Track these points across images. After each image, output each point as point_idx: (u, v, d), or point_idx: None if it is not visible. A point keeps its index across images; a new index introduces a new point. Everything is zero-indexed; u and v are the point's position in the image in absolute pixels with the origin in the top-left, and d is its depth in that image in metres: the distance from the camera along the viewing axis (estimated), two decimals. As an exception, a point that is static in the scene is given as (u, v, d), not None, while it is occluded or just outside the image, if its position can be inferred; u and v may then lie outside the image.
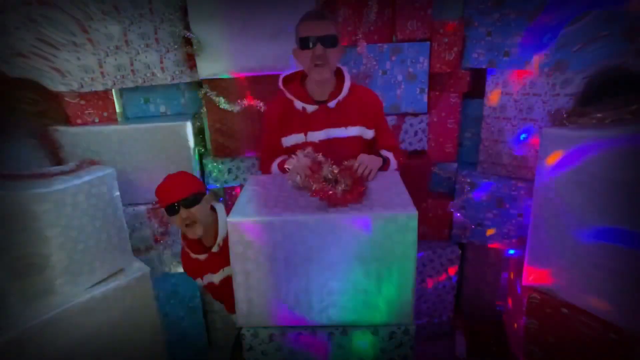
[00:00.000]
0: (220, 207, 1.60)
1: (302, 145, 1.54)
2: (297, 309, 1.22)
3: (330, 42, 1.45)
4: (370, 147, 1.63)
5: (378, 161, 1.49)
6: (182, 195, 1.45)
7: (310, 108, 1.54)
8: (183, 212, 1.45)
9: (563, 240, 1.58)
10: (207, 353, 2.43)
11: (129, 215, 2.03)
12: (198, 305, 2.34)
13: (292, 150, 1.56)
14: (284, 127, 1.59)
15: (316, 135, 1.56)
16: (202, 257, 1.58)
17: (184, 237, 1.60)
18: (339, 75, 1.59)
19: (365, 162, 1.41)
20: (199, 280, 1.67)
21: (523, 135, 1.92)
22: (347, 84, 1.56)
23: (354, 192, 1.24)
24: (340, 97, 1.54)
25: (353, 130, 1.57)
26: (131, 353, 1.73)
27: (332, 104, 1.54)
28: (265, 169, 1.67)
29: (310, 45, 1.44)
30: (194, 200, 1.47)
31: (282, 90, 1.57)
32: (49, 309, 1.47)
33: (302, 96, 1.55)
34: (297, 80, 1.59)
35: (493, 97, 2.12)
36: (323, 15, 1.47)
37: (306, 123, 1.56)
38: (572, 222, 1.54)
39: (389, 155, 1.59)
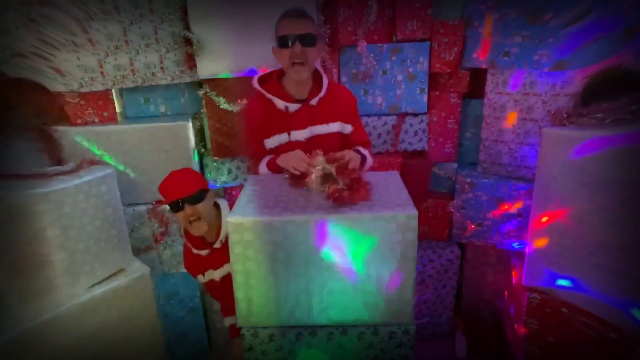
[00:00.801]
0: (223, 204, 1.60)
1: (286, 145, 1.54)
2: (297, 309, 1.22)
3: (309, 41, 1.43)
4: (347, 141, 1.64)
5: (358, 158, 1.49)
6: (187, 192, 1.45)
7: (293, 107, 1.53)
8: (188, 209, 1.45)
9: (563, 240, 1.58)
10: (207, 353, 2.43)
11: (129, 215, 2.02)
12: (198, 305, 2.34)
13: (276, 152, 1.55)
14: (266, 128, 1.57)
15: (300, 134, 1.55)
16: (204, 252, 1.58)
17: (187, 232, 1.60)
18: (314, 73, 1.59)
19: (353, 157, 1.41)
20: (200, 277, 1.67)
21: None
22: (325, 81, 1.57)
23: (363, 190, 1.24)
24: (322, 94, 1.54)
25: (333, 126, 1.58)
26: (131, 353, 1.73)
27: (314, 101, 1.54)
28: (255, 170, 1.65)
29: (290, 43, 1.42)
30: (199, 196, 1.47)
31: (260, 91, 1.54)
32: (49, 309, 1.47)
33: (283, 95, 1.53)
34: (273, 80, 1.57)
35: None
36: (303, 14, 1.46)
37: (288, 122, 1.55)
38: (571, 222, 1.54)
39: (366, 153, 1.60)
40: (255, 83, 1.56)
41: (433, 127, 2.32)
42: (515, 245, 2.17)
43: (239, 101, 2.07)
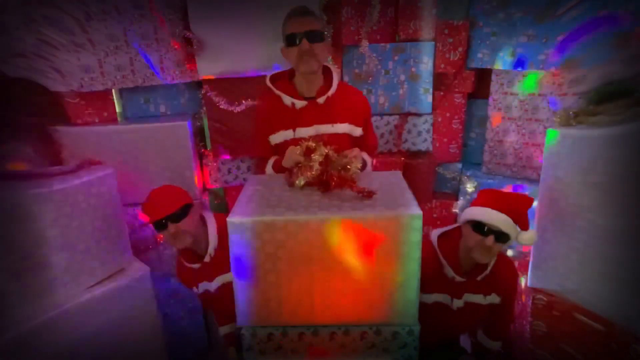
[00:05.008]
0: (210, 217, 1.57)
1: (291, 142, 1.52)
2: (298, 309, 1.21)
3: (315, 37, 1.44)
4: (357, 144, 1.62)
5: (368, 161, 1.53)
6: (169, 210, 1.40)
7: (300, 103, 1.52)
8: (171, 227, 1.41)
9: (569, 241, 1.56)
10: (207, 353, 2.43)
11: (129, 215, 2.02)
12: (198, 305, 2.33)
13: (281, 148, 1.54)
14: (272, 124, 1.57)
15: (305, 132, 1.54)
16: (195, 266, 1.56)
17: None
18: (326, 72, 1.58)
19: (359, 156, 1.41)
20: (194, 289, 1.65)
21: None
22: (335, 80, 1.56)
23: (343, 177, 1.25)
24: (330, 93, 1.53)
25: (341, 127, 1.57)
26: (131, 353, 1.72)
27: (321, 99, 1.53)
28: (260, 169, 1.65)
29: (297, 41, 1.43)
30: (181, 213, 1.43)
31: (270, 88, 1.56)
32: (49, 309, 1.47)
33: (291, 92, 1.54)
34: (284, 78, 1.59)
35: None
36: (307, 11, 1.47)
37: (295, 119, 1.54)
38: (578, 223, 1.52)
39: (366, 157, 1.61)
40: (267, 80, 1.58)
41: (438, 127, 2.30)
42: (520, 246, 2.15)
43: (238, 101, 2.06)
